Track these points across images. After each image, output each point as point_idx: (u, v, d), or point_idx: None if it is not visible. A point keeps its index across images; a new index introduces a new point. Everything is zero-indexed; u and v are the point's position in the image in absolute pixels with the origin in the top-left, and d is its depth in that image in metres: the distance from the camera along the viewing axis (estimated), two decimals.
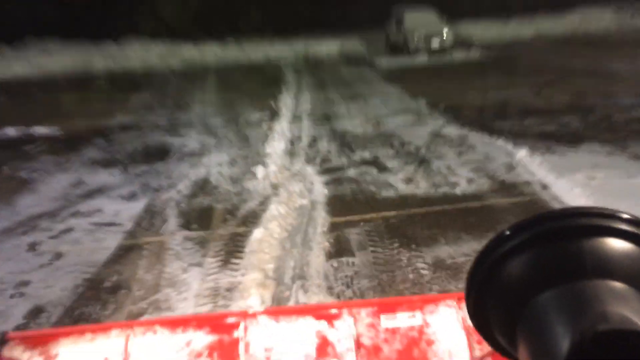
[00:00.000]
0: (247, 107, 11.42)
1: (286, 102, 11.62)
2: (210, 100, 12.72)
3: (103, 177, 7.10)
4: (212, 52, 20.71)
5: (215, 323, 1.14)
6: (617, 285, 0.43)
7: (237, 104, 11.94)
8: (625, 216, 0.46)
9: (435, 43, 18.19)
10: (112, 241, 5.01)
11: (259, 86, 14.49)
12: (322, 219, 5.20)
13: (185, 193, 6.23)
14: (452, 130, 8.29)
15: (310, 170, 6.77)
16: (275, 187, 6.18)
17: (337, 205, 5.60)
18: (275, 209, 5.39)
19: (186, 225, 5.30)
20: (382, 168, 6.74)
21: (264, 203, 5.67)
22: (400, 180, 6.22)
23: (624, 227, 0.46)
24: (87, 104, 13.32)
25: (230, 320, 1.15)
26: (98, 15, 21.40)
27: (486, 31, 22.01)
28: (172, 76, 17.61)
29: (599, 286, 0.42)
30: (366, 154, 7.39)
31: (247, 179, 6.56)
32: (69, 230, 5.34)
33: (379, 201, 5.66)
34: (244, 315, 1.15)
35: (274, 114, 10.40)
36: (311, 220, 5.17)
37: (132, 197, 6.24)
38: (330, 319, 1.13)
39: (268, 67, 18.41)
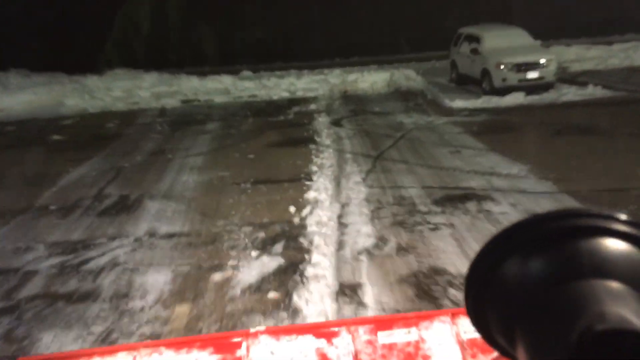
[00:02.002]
0: (242, 224, 5.13)
1: (319, 208, 5.27)
2: (183, 192, 6.45)
3: None
4: (221, 87, 14.60)
5: (218, 343, 1.09)
6: (615, 285, 0.39)
7: (225, 208, 5.65)
8: (623, 217, 0.43)
9: (532, 75, 11.66)
10: None
11: (274, 155, 8.19)
12: None
13: None
14: None
15: None
16: None
17: None
18: None
19: None
20: None
21: None
22: None
23: (621, 227, 0.43)
24: None
25: (233, 339, 1.10)
26: (80, 43, 15.57)
27: (583, 57, 15.35)
28: (158, 123, 11.51)
29: (597, 286, 0.39)
30: None
31: None
32: None
33: None
34: (247, 334, 1.10)
35: (295, 261, 4.11)
36: None
37: None
38: (329, 337, 1.08)
39: (293, 110, 12.14)
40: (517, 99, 11.15)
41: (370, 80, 14.78)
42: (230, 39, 16.62)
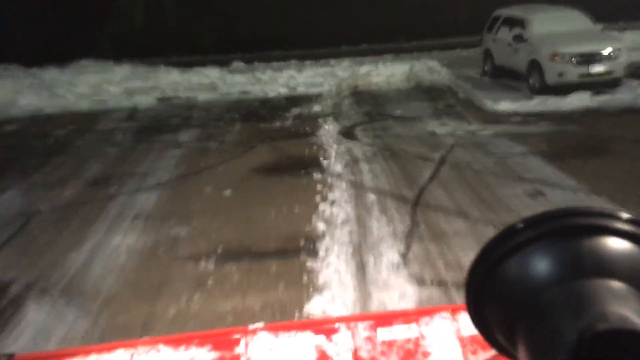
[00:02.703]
0: None
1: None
2: (100, 280, 3.70)
3: None
4: (207, 81, 11.78)
5: (217, 340, 1.02)
6: (617, 284, 0.38)
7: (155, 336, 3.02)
8: (625, 216, 0.41)
9: (597, 69, 8.81)
10: None
11: (262, 191, 5.41)
12: None
13: None
14: None
15: None
16: None
17: None
18: None
19: None
20: None
21: None
22: None
23: (623, 226, 0.41)
24: None
25: (232, 336, 1.03)
26: (38, 30, 12.72)
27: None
28: (121, 131, 8.74)
29: (599, 285, 0.38)
30: None
31: None
32: None
33: None
34: (245, 331, 1.03)
35: None
36: None
37: None
38: (329, 334, 1.00)
39: (292, 112, 9.33)
40: (582, 100, 8.33)
41: (386, 73, 11.93)
42: (220, 24, 13.73)
